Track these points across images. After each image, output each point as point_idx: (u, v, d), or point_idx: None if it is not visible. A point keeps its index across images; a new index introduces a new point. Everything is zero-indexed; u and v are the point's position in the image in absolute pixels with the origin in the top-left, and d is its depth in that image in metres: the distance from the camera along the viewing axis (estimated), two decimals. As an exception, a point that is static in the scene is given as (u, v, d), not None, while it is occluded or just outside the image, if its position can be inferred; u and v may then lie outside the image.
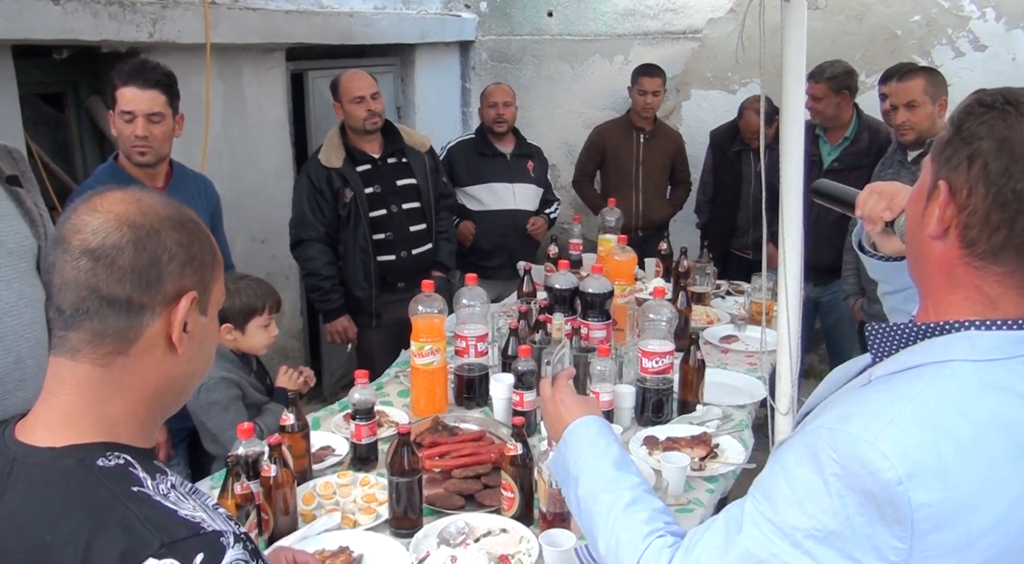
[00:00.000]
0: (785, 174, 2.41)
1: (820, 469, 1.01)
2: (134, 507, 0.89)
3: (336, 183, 3.58)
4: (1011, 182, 0.99)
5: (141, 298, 0.96)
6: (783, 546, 1.04)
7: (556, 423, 1.48)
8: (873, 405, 1.03)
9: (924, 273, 1.12)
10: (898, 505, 0.96)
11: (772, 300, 3.07)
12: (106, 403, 0.97)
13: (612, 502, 1.26)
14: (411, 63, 5.47)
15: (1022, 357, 1.03)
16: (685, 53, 5.49)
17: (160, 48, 3.46)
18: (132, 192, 1.00)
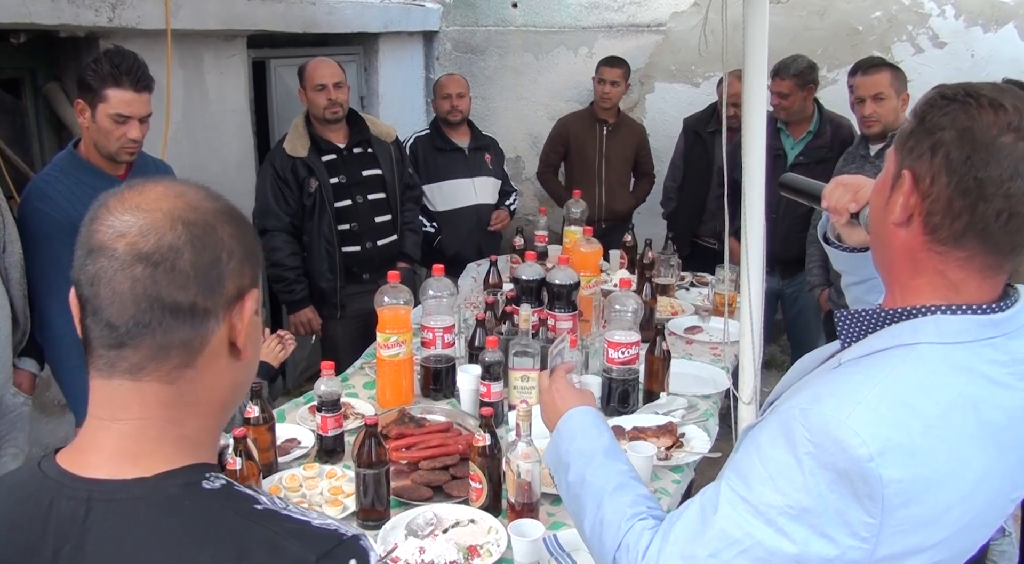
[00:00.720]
0: (747, 167, 2.43)
1: (793, 448, 1.04)
2: (272, 525, 0.82)
3: (301, 172, 3.55)
4: (972, 170, 1.02)
5: (205, 303, 0.85)
6: (757, 524, 1.06)
7: (551, 413, 1.51)
8: (844, 386, 1.06)
9: (889, 260, 1.16)
10: (869, 481, 0.99)
11: (735, 292, 3.12)
12: (181, 423, 0.87)
13: (599, 487, 1.28)
14: (374, 53, 5.43)
15: (986, 340, 1.07)
16: (649, 46, 5.52)
17: (119, 34, 3.40)
18: (170, 184, 0.89)
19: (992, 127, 1.02)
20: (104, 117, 2.52)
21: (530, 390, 2.50)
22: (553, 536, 1.90)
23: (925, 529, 1.04)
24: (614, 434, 2.28)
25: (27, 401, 2.55)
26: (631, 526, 1.21)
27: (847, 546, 1.03)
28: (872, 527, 1.01)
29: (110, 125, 2.52)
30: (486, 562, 1.84)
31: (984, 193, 1.02)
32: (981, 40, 4.84)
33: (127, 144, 2.57)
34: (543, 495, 2.04)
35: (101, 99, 2.50)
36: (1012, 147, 1.01)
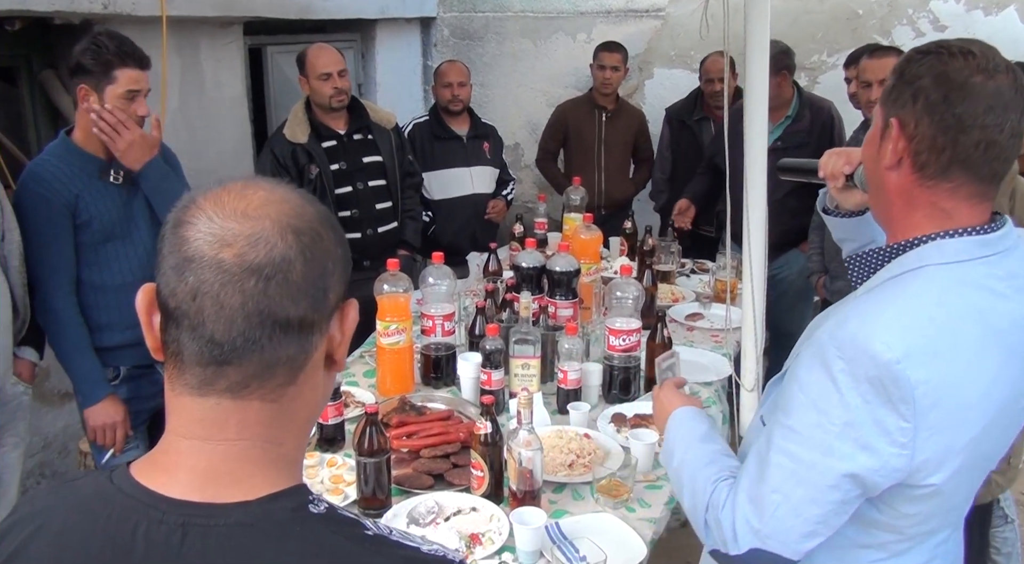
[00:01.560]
0: (749, 152, 2.42)
1: (828, 369, 1.17)
2: (386, 551, 0.79)
3: (301, 159, 3.53)
4: (951, 108, 1.17)
5: (313, 316, 0.80)
6: (806, 450, 1.19)
7: (661, 416, 1.63)
8: (865, 308, 1.20)
9: (886, 203, 1.29)
10: (900, 384, 1.12)
11: (736, 278, 3.11)
12: (280, 442, 0.82)
13: (693, 465, 1.41)
14: (371, 39, 5.39)
15: (983, 258, 1.21)
16: (648, 31, 5.48)
17: (114, 20, 3.37)
18: (270, 187, 0.83)
19: (964, 70, 1.17)
20: (114, 98, 2.51)
21: (531, 378, 2.49)
22: (555, 524, 1.89)
23: (953, 430, 1.16)
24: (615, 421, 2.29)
25: (27, 390, 2.54)
26: (715, 488, 1.32)
27: (889, 454, 1.14)
28: (908, 431, 1.14)
29: (121, 105, 2.52)
30: (488, 550, 1.84)
31: (963, 126, 1.16)
32: (982, 23, 4.81)
33: (138, 121, 2.57)
34: (545, 483, 2.03)
35: (110, 81, 2.49)
36: (983, 86, 1.16)
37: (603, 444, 2.28)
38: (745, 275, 2.46)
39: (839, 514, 1.20)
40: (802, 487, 1.19)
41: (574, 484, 2.13)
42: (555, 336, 2.62)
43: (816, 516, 1.20)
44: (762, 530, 1.22)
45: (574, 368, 2.49)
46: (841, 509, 1.20)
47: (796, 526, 1.21)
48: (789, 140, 3.98)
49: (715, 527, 1.29)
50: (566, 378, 2.49)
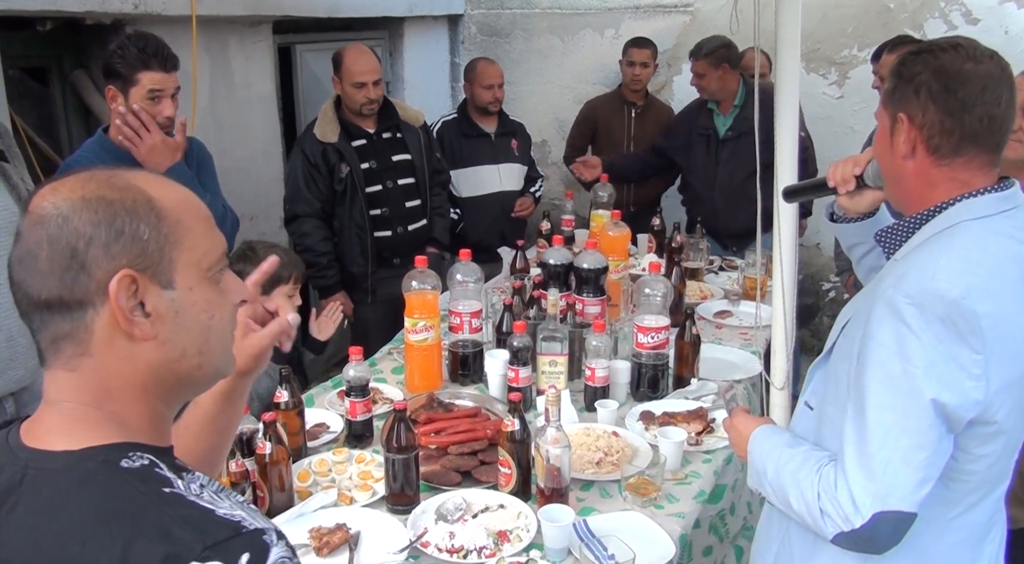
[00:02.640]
0: (780, 149, 2.39)
1: (900, 317, 1.27)
2: (170, 509, 0.82)
3: (332, 158, 3.54)
4: (952, 93, 1.32)
5: (72, 295, 0.87)
6: (898, 398, 1.27)
7: (739, 444, 1.65)
8: (917, 263, 1.32)
9: (906, 191, 1.43)
10: (967, 317, 1.24)
11: (766, 275, 3.08)
12: (99, 406, 0.90)
13: (791, 470, 1.43)
14: (399, 37, 5.40)
15: (1005, 212, 1.36)
16: (677, 27, 5.44)
17: (145, 20, 3.40)
18: (62, 180, 0.91)
19: (956, 60, 1.33)
20: (139, 99, 2.54)
21: (558, 375, 2.49)
22: (583, 521, 1.89)
23: (1012, 362, 1.29)
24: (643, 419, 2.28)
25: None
26: (820, 475, 1.36)
27: (968, 387, 1.26)
28: (980, 363, 1.26)
29: (145, 106, 2.55)
30: (516, 547, 1.84)
31: (966, 106, 1.32)
32: (1015, 16, 4.72)
33: (163, 123, 2.59)
34: (572, 480, 2.03)
35: (133, 83, 2.52)
36: (975, 70, 1.33)
37: (631, 442, 2.27)
38: (775, 272, 2.44)
39: (940, 454, 1.29)
40: (905, 435, 1.27)
41: (602, 482, 2.12)
42: (583, 333, 2.61)
43: (924, 460, 1.27)
44: (880, 490, 1.28)
45: (602, 365, 2.48)
46: (940, 448, 1.29)
47: (910, 475, 1.27)
48: (739, 127, 4.09)
49: (834, 509, 1.32)
50: (594, 375, 2.48)
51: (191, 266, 0.93)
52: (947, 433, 1.29)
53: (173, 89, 2.61)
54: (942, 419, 1.27)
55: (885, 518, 1.28)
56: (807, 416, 1.53)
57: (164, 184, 0.95)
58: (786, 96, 2.36)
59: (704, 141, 4.24)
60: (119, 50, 2.51)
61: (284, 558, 0.84)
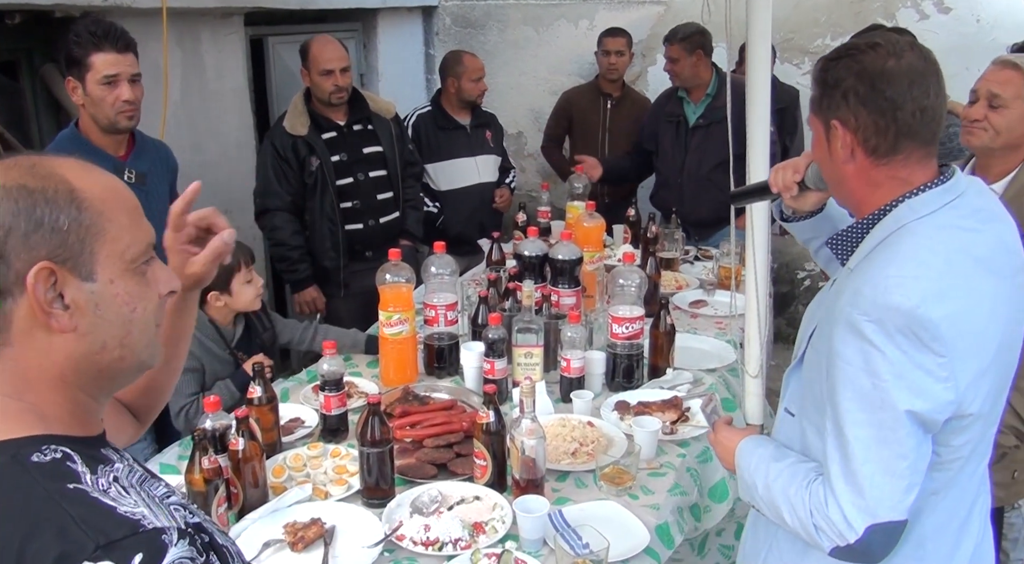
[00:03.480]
0: (752, 137, 2.39)
1: (862, 335, 1.28)
2: (69, 507, 0.82)
3: (302, 151, 3.52)
4: (881, 94, 1.33)
5: None
6: (874, 414, 1.28)
7: (726, 456, 1.65)
8: (870, 274, 1.32)
9: (850, 192, 1.45)
10: (926, 325, 1.25)
11: (740, 265, 3.09)
12: (18, 397, 0.90)
13: (781, 485, 1.44)
14: (373, 29, 5.37)
15: (948, 204, 1.36)
16: (650, 17, 5.45)
17: (115, 13, 3.36)
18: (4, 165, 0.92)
19: (877, 59, 1.34)
20: (94, 85, 2.51)
21: (534, 367, 2.49)
22: (558, 512, 1.90)
23: (978, 353, 1.31)
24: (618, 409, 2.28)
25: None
26: (810, 492, 1.38)
27: (938, 391, 1.27)
28: (946, 365, 1.27)
29: (102, 91, 2.51)
30: (491, 539, 1.84)
31: (897, 104, 1.33)
32: (986, 5, 4.77)
33: (122, 107, 2.55)
34: (548, 471, 2.03)
35: (87, 69, 2.50)
36: (897, 66, 1.33)
37: (606, 432, 2.28)
38: (748, 262, 2.45)
39: (922, 458, 1.31)
40: (885, 447, 1.28)
41: (577, 472, 2.13)
42: (558, 325, 2.61)
43: (906, 468, 1.29)
44: (869, 505, 1.29)
45: (577, 356, 2.49)
46: (921, 453, 1.30)
47: (895, 484, 1.29)
48: (710, 116, 4.08)
49: (827, 525, 1.34)
50: (569, 366, 2.49)
51: (113, 258, 0.93)
52: (925, 436, 1.31)
53: (131, 73, 2.56)
54: (918, 426, 1.29)
55: (878, 529, 1.30)
56: (789, 423, 1.54)
57: (89, 173, 0.94)
58: (758, 85, 2.36)
59: (673, 127, 4.24)
60: (73, 35, 2.49)
61: (184, 558, 0.82)
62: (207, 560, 0.84)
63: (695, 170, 4.12)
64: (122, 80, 2.53)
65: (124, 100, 2.54)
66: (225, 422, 1.99)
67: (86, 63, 2.49)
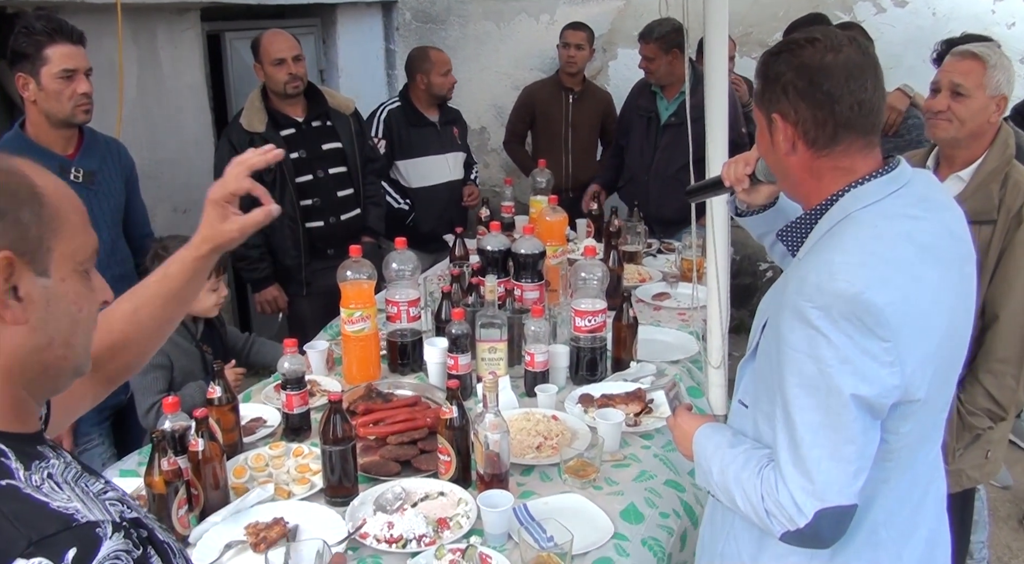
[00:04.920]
0: (711, 130, 2.41)
1: (808, 322, 1.30)
2: (1, 504, 0.81)
3: (259, 148, 3.47)
4: (818, 88, 1.36)
5: None
6: (821, 397, 1.30)
7: (684, 443, 1.65)
8: (816, 263, 1.34)
9: (795, 183, 1.47)
10: (871, 310, 1.27)
11: (701, 257, 3.11)
12: None
13: (735, 467, 1.46)
14: (332, 24, 5.33)
15: (893, 193, 1.39)
16: (611, 12, 5.46)
17: (68, 8, 3.30)
18: None
19: (815, 54, 1.36)
20: (50, 79, 2.46)
21: (498, 361, 2.48)
22: (523, 506, 1.90)
23: (923, 338, 1.32)
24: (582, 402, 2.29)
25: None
26: (761, 477, 1.39)
27: (884, 376, 1.28)
28: (891, 350, 1.28)
29: (59, 85, 2.47)
30: (456, 534, 1.83)
31: (835, 97, 1.35)
32: (941, -1, 4.84)
33: (80, 101, 2.52)
34: (512, 466, 2.03)
35: (43, 62, 2.45)
36: (835, 61, 1.36)
37: (571, 425, 2.28)
38: (709, 254, 2.47)
39: (869, 443, 1.32)
40: (832, 432, 1.30)
41: (542, 466, 2.13)
42: (521, 319, 2.61)
43: (853, 452, 1.30)
44: (817, 489, 1.31)
45: (541, 351, 2.49)
46: (868, 438, 1.32)
47: (843, 469, 1.30)
48: (683, 115, 3.98)
49: (778, 510, 1.35)
50: (533, 361, 2.49)
51: (66, 257, 0.94)
52: (872, 422, 1.32)
53: (86, 66, 2.53)
54: (865, 411, 1.30)
55: (826, 514, 1.31)
56: (743, 414, 1.55)
57: (45, 173, 0.95)
58: (715, 79, 2.37)
59: (644, 122, 4.23)
60: (23, 29, 2.44)
61: (119, 551, 0.82)
62: (144, 554, 0.84)
63: (663, 169, 4.11)
64: (80, 73, 2.51)
65: (82, 93, 2.51)
66: (184, 423, 1.96)
67: (40, 56, 2.44)
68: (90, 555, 0.79)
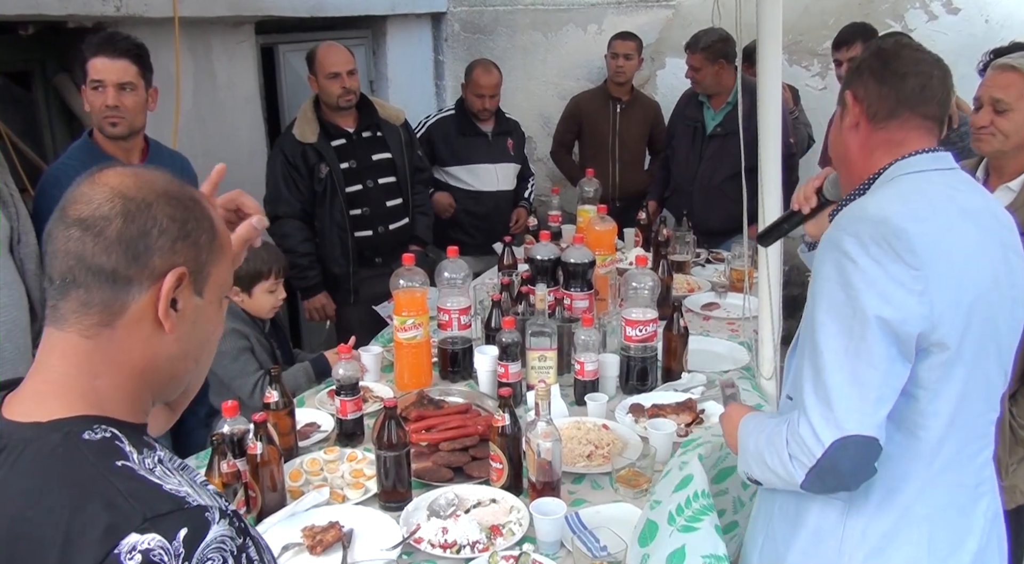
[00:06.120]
0: (763, 141, 2.41)
1: (838, 247, 1.34)
2: (117, 481, 0.86)
3: (311, 158, 3.54)
4: (889, 67, 1.48)
5: (127, 271, 0.93)
6: (846, 322, 1.31)
7: (731, 433, 1.65)
8: (852, 209, 1.41)
9: (851, 163, 1.55)
10: (900, 235, 1.31)
11: (752, 267, 3.10)
12: (94, 375, 0.95)
13: (769, 433, 1.45)
14: (382, 35, 5.39)
15: (940, 170, 1.46)
16: (659, 21, 5.46)
17: (127, 22, 3.38)
18: (136, 167, 1.00)
19: (896, 45, 1.52)
20: (88, 91, 2.54)
21: (548, 370, 2.49)
22: (575, 514, 1.90)
23: (956, 284, 1.34)
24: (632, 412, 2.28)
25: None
26: (788, 424, 1.39)
27: (910, 303, 1.30)
28: (920, 278, 1.30)
29: (92, 96, 2.54)
30: (509, 541, 1.84)
31: (900, 74, 1.46)
32: (995, 5, 4.77)
33: (106, 113, 2.56)
34: (564, 474, 2.04)
35: (86, 74, 2.53)
36: (911, 52, 1.50)
37: (621, 435, 2.28)
38: (761, 265, 2.46)
39: (894, 375, 1.32)
40: (855, 357, 1.30)
41: (593, 474, 2.13)
42: (571, 328, 2.62)
43: (875, 379, 1.30)
44: (836, 416, 1.30)
45: (591, 359, 2.49)
46: (893, 370, 1.31)
47: (864, 396, 1.30)
48: (729, 125, 4.01)
49: (798, 447, 1.34)
50: (583, 369, 2.49)
51: (217, 284, 1.03)
52: (899, 355, 1.32)
53: (117, 79, 2.55)
54: (890, 338, 1.30)
55: (845, 443, 1.30)
56: (789, 408, 1.51)
57: (214, 208, 1.06)
58: (768, 87, 2.37)
59: (690, 132, 4.22)
60: (84, 44, 2.52)
61: (224, 536, 0.86)
62: (243, 543, 0.88)
63: (707, 179, 4.09)
64: (107, 86, 2.54)
65: (106, 105, 2.55)
66: (243, 427, 2.00)
67: (85, 69, 2.54)
68: (200, 537, 0.84)
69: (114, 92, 2.55)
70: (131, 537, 0.82)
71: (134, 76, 2.58)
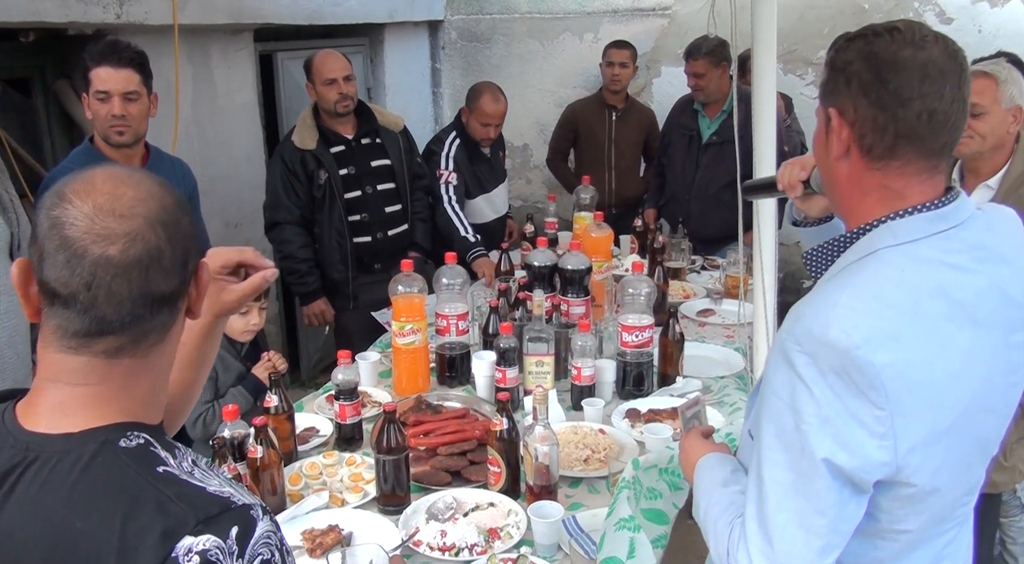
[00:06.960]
0: (758, 148, 2.43)
1: (792, 366, 1.11)
2: (164, 487, 0.89)
3: (310, 165, 3.56)
4: (885, 84, 1.13)
5: (181, 287, 0.97)
6: (795, 456, 1.12)
7: (687, 466, 1.54)
8: (819, 300, 1.14)
9: (840, 193, 1.25)
10: (864, 370, 1.06)
11: (747, 274, 3.12)
12: (135, 386, 0.97)
13: (715, 511, 1.32)
14: (380, 43, 5.43)
15: (939, 234, 1.16)
16: (655, 29, 5.50)
17: (127, 30, 3.41)
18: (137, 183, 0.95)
19: (891, 46, 1.14)
20: (91, 100, 2.56)
21: (545, 375, 2.51)
22: (572, 517, 1.92)
23: (932, 414, 1.10)
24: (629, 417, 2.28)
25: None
26: (731, 530, 1.24)
27: (871, 447, 1.08)
28: (884, 419, 1.07)
29: (97, 106, 2.56)
30: (507, 544, 1.86)
31: (901, 99, 1.12)
32: (988, 15, 4.82)
33: (111, 122, 2.58)
34: (561, 478, 2.06)
35: (89, 83, 2.56)
36: (913, 57, 1.13)
37: (618, 439, 2.30)
38: (756, 272, 2.48)
39: (845, 519, 1.13)
40: (801, 498, 1.12)
41: (590, 478, 2.15)
42: (568, 333, 2.64)
43: (823, 526, 1.12)
44: (777, 557, 1.14)
45: (588, 365, 2.51)
46: (844, 513, 1.13)
47: (809, 543, 1.13)
48: (724, 134, 4.02)
49: None
50: (580, 374, 2.51)
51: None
52: (852, 495, 1.12)
53: (123, 89, 2.57)
54: (840, 481, 1.10)
55: None
56: (750, 447, 1.32)
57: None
58: (764, 96, 2.40)
59: (685, 140, 4.24)
60: (85, 52, 2.55)
61: (269, 531, 0.91)
62: (282, 537, 0.93)
63: (704, 188, 4.12)
64: (113, 95, 2.57)
65: (112, 115, 2.57)
66: (243, 431, 2.02)
67: (88, 79, 2.56)
68: (249, 534, 0.88)
69: (120, 102, 2.57)
70: (186, 540, 0.85)
71: (138, 85, 2.61)
